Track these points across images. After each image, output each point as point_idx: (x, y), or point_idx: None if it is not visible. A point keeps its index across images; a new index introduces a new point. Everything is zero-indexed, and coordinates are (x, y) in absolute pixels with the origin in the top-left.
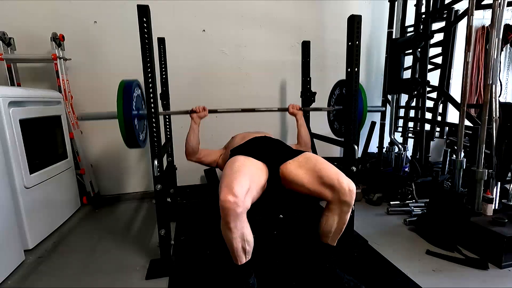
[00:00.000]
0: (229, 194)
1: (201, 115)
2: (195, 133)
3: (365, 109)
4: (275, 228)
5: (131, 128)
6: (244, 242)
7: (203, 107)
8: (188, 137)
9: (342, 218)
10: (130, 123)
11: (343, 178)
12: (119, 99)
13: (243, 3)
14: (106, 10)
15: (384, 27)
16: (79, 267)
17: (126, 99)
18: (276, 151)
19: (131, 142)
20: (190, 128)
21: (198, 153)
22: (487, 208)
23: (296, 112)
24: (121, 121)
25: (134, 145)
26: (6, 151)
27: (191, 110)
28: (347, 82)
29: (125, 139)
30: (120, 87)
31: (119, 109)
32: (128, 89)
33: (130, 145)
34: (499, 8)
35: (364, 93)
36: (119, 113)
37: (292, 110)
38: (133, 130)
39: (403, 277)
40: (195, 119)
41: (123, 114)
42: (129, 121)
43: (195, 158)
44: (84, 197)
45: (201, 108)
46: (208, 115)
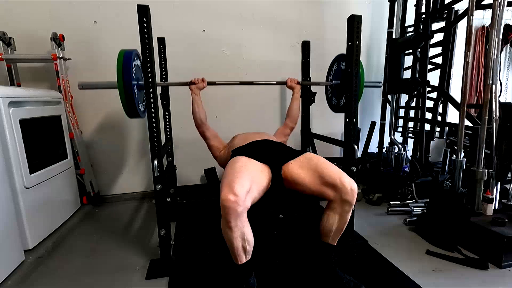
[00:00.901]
0: (230, 193)
1: (200, 86)
2: (198, 103)
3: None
4: (275, 228)
5: (131, 96)
6: (244, 242)
7: (202, 78)
8: (193, 108)
9: (343, 217)
10: (130, 92)
11: (345, 177)
12: (119, 68)
13: (243, 3)
14: (106, 10)
15: (384, 27)
16: (79, 267)
17: (126, 68)
18: (278, 152)
19: (131, 111)
20: (192, 100)
21: (208, 128)
22: (487, 208)
23: (294, 86)
24: (121, 90)
25: (134, 114)
26: (6, 151)
27: (190, 82)
28: (348, 82)
29: (125, 107)
30: (120, 56)
31: (119, 78)
32: (127, 59)
33: (130, 114)
34: (499, 8)
35: (362, 68)
36: (119, 81)
37: (290, 84)
38: (133, 99)
39: (403, 277)
40: (195, 90)
41: (123, 83)
42: (129, 89)
43: (205, 129)
44: (84, 197)
45: (199, 80)
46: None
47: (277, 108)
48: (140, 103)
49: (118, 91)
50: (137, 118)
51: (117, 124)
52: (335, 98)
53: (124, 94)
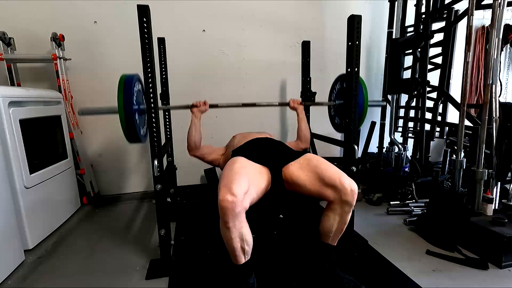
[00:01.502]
0: (228, 193)
1: (202, 109)
2: (197, 127)
3: (366, 104)
4: (275, 228)
5: (132, 122)
6: (242, 242)
7: (204, 101)
8: (189, 131)
9: (343, 218)
10: (131, 118)
11: (345, 178)
12: (120, 93)
13: (243, 3)
14: (106, 10)
15: (384, 27)
16: (79, 267)
17: (127, 93)
18: (278, 154)
19: (132, 137)
20: (191, 123)
21: (200, 149)
22: (487, 208)
23: (297, 107)
24: (122, 116)
25: (135, 139)
26: (6, 151)
27: (192, 105)
28: (347, 81)
29: (126, 133)
30: (121, 81)
31: (120, 103)
32: (128, 83)
33: (131, 140)
34: (499, 8)
35: (365, 87)
36: (120, 107)
37: (293, 105)
38: (134, 125)
39: (403, 277)
40: (196, 114)
41: (123, 109)
42: (130, 115)
43: (198, 154)
44: (84, 197)
45: (201, 103)
46: (209, 110)
47: (276, 108)
48: (141, 128)
49: (119, 117)
50: (138, 143)
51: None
52: (338, 117)
53: (125, 121)
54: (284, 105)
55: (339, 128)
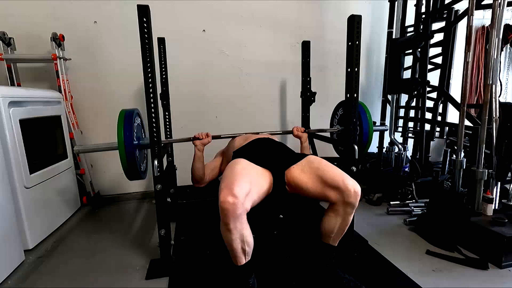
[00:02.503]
0: (229, 195)
1: (205, 142)
2: (201, 160)
3: (371, 129)
4: (275, 228)
5: (132, 159)
6: (243, 243)
7: (206, 133)
8: (193, 166)
9: (346, 219)
10: (131, 155)
11: (348, 179)
12: (120, 130)
13: (243, 3)
14: (106, 10)
15: (384, 27)
16: (79, 267)
17: (127, 130)
18: (279, 156)
19: (132, 174)
20: (194, 157)
21: (205, 178)
22: (487, 208)
23: (301, 135)
24: (122, 153)
25: (136, 177)
26: (6, 151)
27: (194, 137)
28: (347, 82)
29: (126, 171)
30: (120, 117)
31: (120, 141)
32: (128, 119)
33: (131, 177)
34: (499, 8)
35: (369, 113)
36: (120, 144)
37: (297, 133)
38: (134, 161)
39: (403, 277)
40: (199, 146)
41: (124, 146)
42: (131, 152)
43: (204, 184)
44: (84, 197)
45: (204, 135)
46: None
47: (276, 108)
48: (142, 164)
49: (119, 155)
50: (138, 179)
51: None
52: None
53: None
54: (287, 133)
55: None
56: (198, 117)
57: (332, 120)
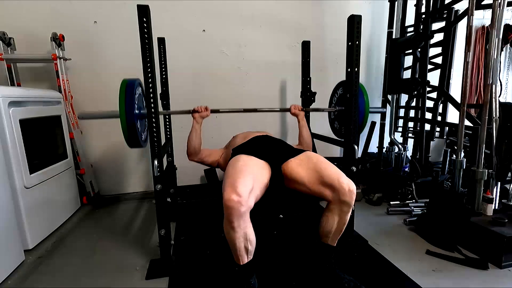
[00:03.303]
0: (233, 193)
1: (203, 115)
2: (197, 133)
3: (367, 111)
4: (275, 228)
5: (133, 128)
6: (246, 242)
7: (205, 107)
8: (190, 137)
9: (342, 218)
10: (132, 123)
11: (343, 178)
12: (121, 98)
13: (243, 3)
14: (106, 10)
15: (384, 27)
16: (79, 267)
17: (129, 99)
18: (278, 150)
19: (133, 142)
20: (192, 128)
21: (200, 153)
22: (487, 208)
23: (298, 113)
24: (123, 121)
25: (136, 145)
26: (6, 151)
27: (193, 110)
28: (347, 82)
29: (127, 139)
30: (122, 86)
31: (121, 109)
32: (130, 88)
33: (132, 145)
34: (499, 8)
35: (366, 94)
36: (121, 112)
37: (294, 111)
38: (135, 130)
39: (403, 277)
40: (197, 119)
41: (125, 114)
42: (132, 121)
43: (197, 158)
44: (84, 197)
45: (203, 108)
46: (210, 115)
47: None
48: (143, 133)
49: (120, 122)
50: (139, 147)
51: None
52: (337, 122)
53: (127, 126)
54: (285, 110)
55: (338, 133)
56: None
57: (331, 99)
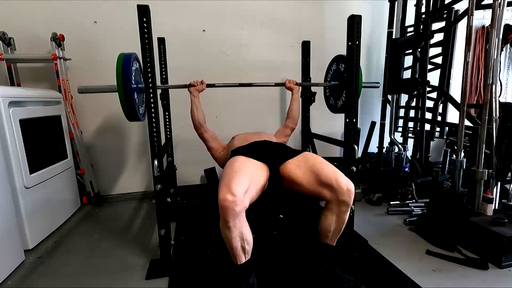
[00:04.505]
0: (228, 193)
1: (199, 88)
2: (197, 105)
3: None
4: (275, 228)
5: (131, 101)
6: (243, 241)
7: (201, 80)
8: (192, 111)
9: (341, 218)
10: (130, 96)
11: (341, 177)
12: (118, 72)
13: (243, 3)
14: (106, 10)
15: (384, 27)
16: (79, 267)
17: (125, 72)
18: (276, 152)
19: (131, 115)
20: (191, 103)
21: (207, 130)
22: (487, 208)
23: (293, 87)
24: (121, 94)
25: (134, 117)
26: (6, 151)
27: (189, 84)
28: (347, 82)
29: (126, 112)
30: (119, 60)
31: (119, 82)
32: (126, 62)
33: (130, 118)
34: (499, 8)
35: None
36: (119, 85)
37: (289, 85)
38: (133, 103)
39: (403, 277)
40: (194, 93)
41: (123, 87)
42: (129, 94)
43: (204, 132)
44: (84, 197)
45: (199, 82)
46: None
47: (277, 108)
48: (140, 107)
49: (118, 95)
50: (137, 121)
51: (117, 124)
52: (333, 98)
53: (124, 98)
54: (280, 85)
55: (334, 108)
56: None
57: (326, 75)
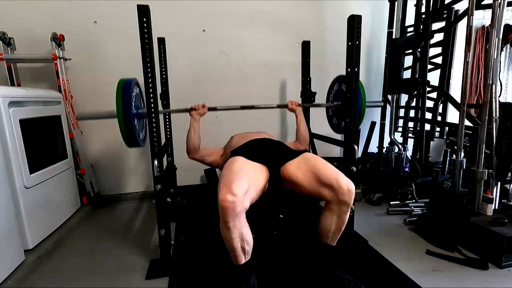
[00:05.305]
0: (228, 193)
1: (201, 112)
2: (196, 130)
3: (364, 105)
4: (275, 228)
5: (131, 127)
6: (243, 242)
7: (203, 104)
8: (188, 135)
9: (341, 218)
10: (130, 122)
11: (342, 177)
12: (118, 98)
13: (243, 3)
14: (106, 10)
15: (384, 27)
16: (79, 267)
17: (125, 98)
18: (276, 153)
19: (131, 142)
20: (190, 126)
21: (199, 152)
22: (487, 208)
23: (295, 108)
24: (121, 121)
25: (134, 144)
26: (6, 151)
27: (191, 108)
28: (347, 82)
29: (125, 138)
30: (119, 86)
31: (119, 108)
32: (127, 88)
33: (130, 144)
34: (499, 8)
35: (363, 89)
36: (119, 112)
37: (291, 106)
38: (133, 129)
39: (403, 277)
40: (195, 117)
41: (122, 114)
42: (129, 120)
43: (197, 156)
44: (84, 197)
45: (200, 106)
46: (208, 112)
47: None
48: (140, 132)
49: (118, 122)
50: (137, 147)
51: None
52: (336, 118)
53: (124, 124)
54: (283, 107)
55: (337, 128)
56: None
57: (328, 96)
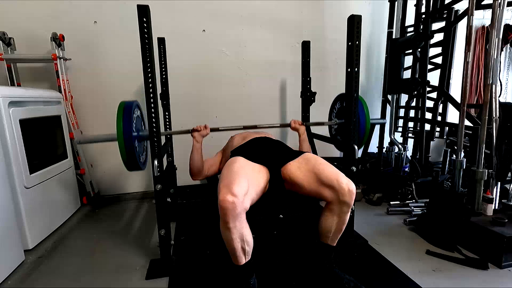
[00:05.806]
0: (228, 194)
1: (203, 133)
2: (199, 152)
3: (368, 122)
4: (275, 228)
5: (131, 150)
6: (243, 243)
7: (205, 125)
8: (192, 157)
9: (342, 218)
10: (130, 146)
11: (343, 178)
12: (119, 121)
13: (243, 3)
14: (106, 10)
15: (384, 27)
16: (79, 267)
17: (126, 121)
18: (277, 153)
19: (131, 165)
20: (192, 148)
21: (203, 171)
22: (487, 208)
23: (298, 127)
24: (121, 144)
25: (135, 167)
26: (6, 151)
27: (192, 129)
28: (347, 82)
29: (126, 162)
30: (120, 109)
31: (119, 132)
32: (128, 111)
33: (130, 168)
34: (499, 8)
35: (366, 106)
36: (119, 135)
37: (294, 125)
38: (134, 153)
39: (403, 277)
40: (197, 138)
41: (123, 137)
42: (130, 143)
43: (201, 178)
44: (84, 197)
45: (202, 127)
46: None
47: (276, 109)
48: (141, 155)
49: (118, 145)
50: (137, 170)
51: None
52: (339, 136)
53: (125, 147)
54: (285, 126)
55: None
56: (198, 117)
57: (330, 114)
